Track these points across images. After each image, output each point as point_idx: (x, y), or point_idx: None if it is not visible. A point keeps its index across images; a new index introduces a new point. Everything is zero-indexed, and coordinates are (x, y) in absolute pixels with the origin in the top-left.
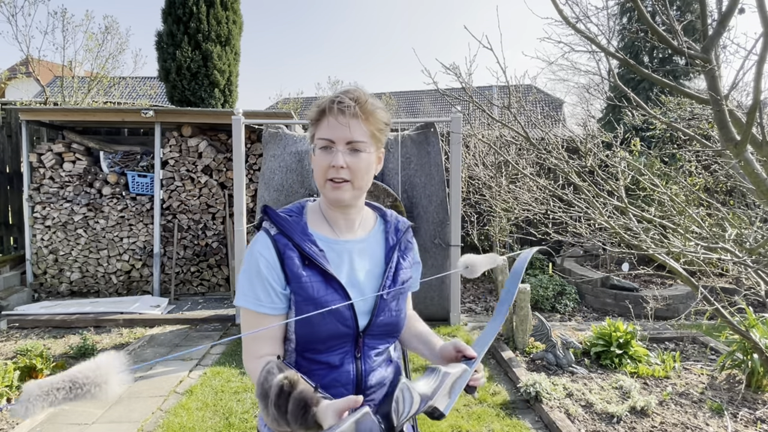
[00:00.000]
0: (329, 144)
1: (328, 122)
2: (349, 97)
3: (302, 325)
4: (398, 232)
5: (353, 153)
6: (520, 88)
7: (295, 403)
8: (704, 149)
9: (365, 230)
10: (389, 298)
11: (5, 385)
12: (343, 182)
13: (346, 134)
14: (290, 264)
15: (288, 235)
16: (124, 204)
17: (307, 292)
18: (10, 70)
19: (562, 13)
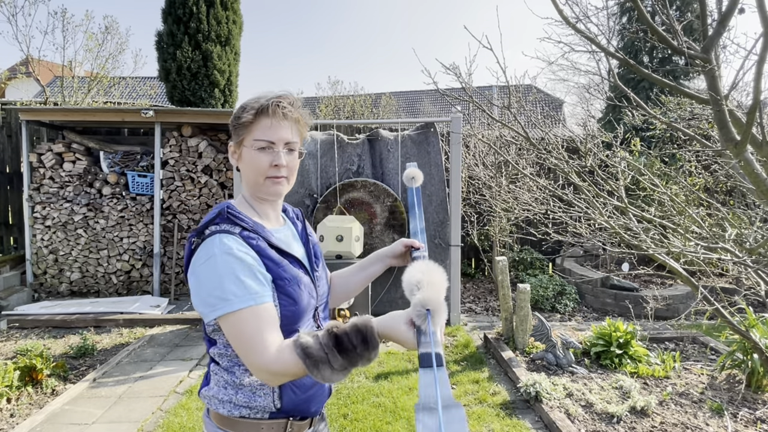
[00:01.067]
0: (269, 145)
1: (270, 124)
2: (287, 102)
3: (290, 304)
4: (298, 216)
5: (290, 153)
6: (520, 88)
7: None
8: (704, 149)
9: (280, 221)
10: (319, 271)
11: (5, 385)
12: (282, 178)
13: (286, 136)
14: (266, 253)
15: (254, 231)
16: (124, 204)
17: (291, 273)
18: (10, 70)
19: (562, 13)
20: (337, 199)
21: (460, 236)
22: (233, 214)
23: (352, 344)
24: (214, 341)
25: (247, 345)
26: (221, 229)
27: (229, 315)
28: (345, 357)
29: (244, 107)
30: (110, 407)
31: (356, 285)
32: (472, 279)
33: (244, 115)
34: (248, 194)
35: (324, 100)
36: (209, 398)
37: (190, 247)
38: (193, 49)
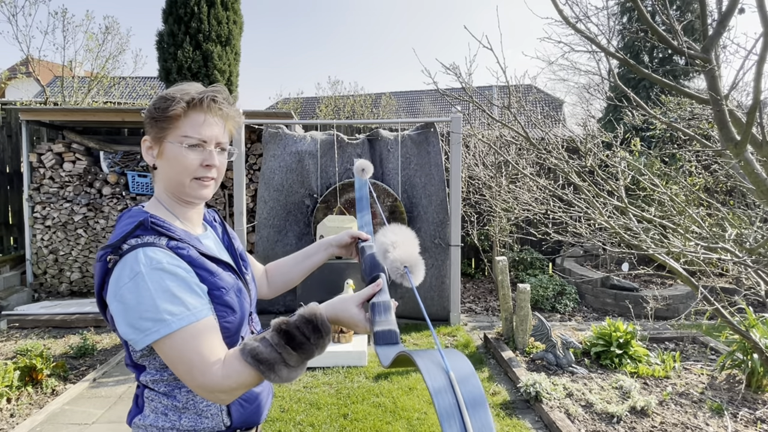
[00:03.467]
0: (201, 143)
1: (204, 119)
2: (221, 98)
3: (229, 314)
4: (216, 218)
5: (221, 153)
6: (520, 88)
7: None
8: (704, 149)
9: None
10: (249, 274)
11: (5, 385)
12: (210, 180)
13: (218, 135)
14: (199, 263)
15: (179, 239)
16: (124, 204)
17: (226, 281)
18: (10, 70)
19: (562, 13)
20: (337, 199)
21: (460, 236)
22: (157, 223)
23: (305, 336)
24: (143, 367)
25: (190, 366)
26: (144, 241)
27: (166, 338)
28: (300, 351)
29: (170, 98)
30: (110, 407)
31: (299, 274)
32: (472, 279)
33: (173, 107)
34: (167, 197)
35: (324, 100)
36: (145, 428)
37: (105, 265)
38: (194, 49)
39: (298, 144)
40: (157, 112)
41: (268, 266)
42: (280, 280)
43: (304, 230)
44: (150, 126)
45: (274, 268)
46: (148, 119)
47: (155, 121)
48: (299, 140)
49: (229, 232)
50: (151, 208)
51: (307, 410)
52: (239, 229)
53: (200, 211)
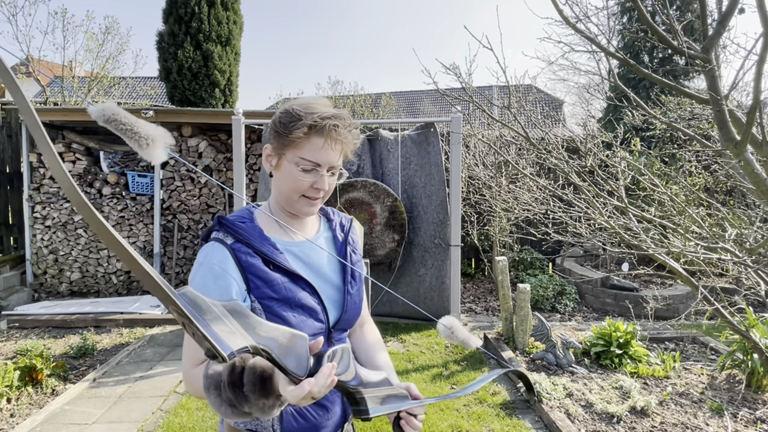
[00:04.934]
0: (315, 167)
1: (322, 145)
2: (344, 125)
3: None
4: (344, 228)
5: (332, 176)
6: (520, 88)
7: (250, 373)
8: (704, 149)
9: (314, 230)
10: (354, 293)
11: (5, 385)
12: (317, 199)
13: (333, 160)
14: (255, 270)
15: (247, 242)
16: (124, 204)
17: (282, 294)
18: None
19: (562, 13)
20: (337, 199)
21: (460, 236)
22: (225, 223)
23: (241, 382)
24: None
25: (185, 358)
26: (218, 237)
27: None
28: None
29: (295, 116)
30: (110, 407)
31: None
32: (472, 279)
33: (297, 129)
34: (275, 203)
35: None
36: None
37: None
38: (194, 49)
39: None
40: (281, 127)
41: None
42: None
43: None
44: (272, 137)
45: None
46: (271, 130)
47: (278, 135)
48: None
49: (352, 243)
50: (263, 207)
51: None
52: None
53: (306, 221)
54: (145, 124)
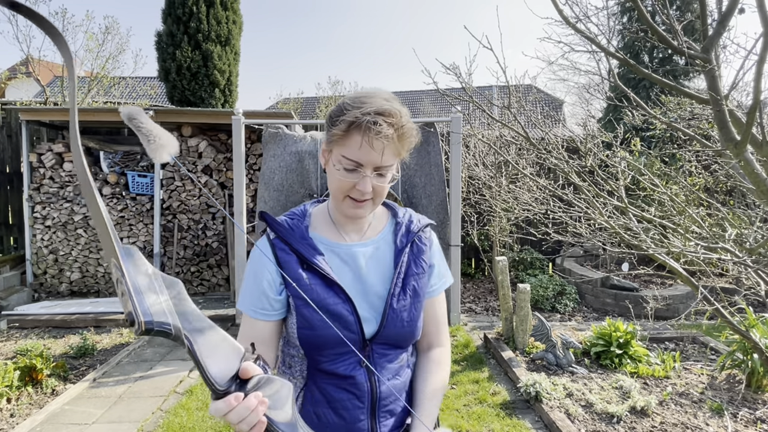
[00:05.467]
0: (357, 167)
1: (360, 144)
2: (388, 122)
3: (304, 329)
4: (409, 234)
5: (379, 177)
6: (520, 88)
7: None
8: (704, 149)
9: (375, 231)
10: (399, 307)
11: (5, 385)
12: (365, 201)
13: (377, 160)
14: (288, 268)
15: (285, 240)
16: (124, 204)
17: (310, 295)
18: (10, 70)
19: (562, 13)
20: None
21: (460, 236)
22: (267, 219)
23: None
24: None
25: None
26: (268, 232)
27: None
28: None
29: (341, 110)
30: (110, 407)
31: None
32: (472, 279)
33: (338, 125)
34: (332, 200)
35: (324, 100)
36: None
37: None
38: (193, 49)
39: (298, 144)
40: (329, 121)
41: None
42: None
43: None
44: (326, 130)
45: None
46: (326, 122)
47: (328, 129)
48: (299, 140)
49: (415, 253)
50: (326, 203)
51: None
52: (239, 230)
53: (366, 221)
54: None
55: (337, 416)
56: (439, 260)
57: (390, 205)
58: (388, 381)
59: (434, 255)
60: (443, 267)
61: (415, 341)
